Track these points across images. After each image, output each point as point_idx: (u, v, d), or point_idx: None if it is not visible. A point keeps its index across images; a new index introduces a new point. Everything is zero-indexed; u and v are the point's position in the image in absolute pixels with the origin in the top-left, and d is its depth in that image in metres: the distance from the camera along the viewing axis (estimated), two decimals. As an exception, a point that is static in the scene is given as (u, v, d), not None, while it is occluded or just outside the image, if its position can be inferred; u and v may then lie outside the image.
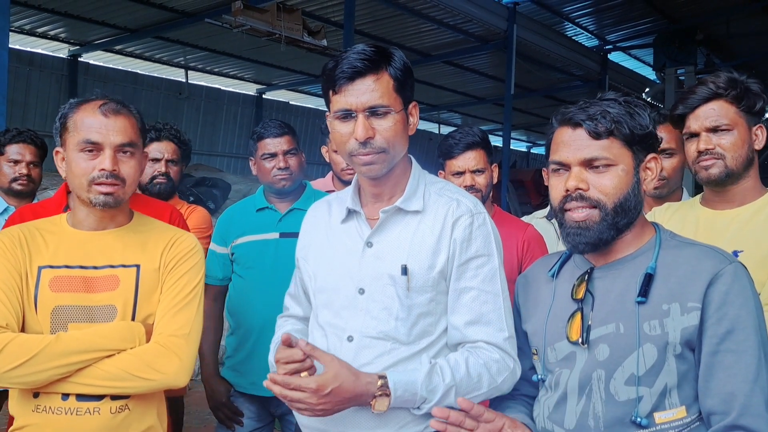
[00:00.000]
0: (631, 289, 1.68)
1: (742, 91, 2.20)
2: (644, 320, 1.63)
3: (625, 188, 1.70)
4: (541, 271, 1.97)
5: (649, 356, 1.62)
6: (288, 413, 3.08)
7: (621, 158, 1.70)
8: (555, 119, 1.81)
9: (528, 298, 1.97)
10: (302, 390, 1.72)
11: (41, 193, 4.39)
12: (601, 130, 1.68)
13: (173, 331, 1.98)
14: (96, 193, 1.97)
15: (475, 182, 2.98)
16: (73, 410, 1.91)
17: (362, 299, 1.90)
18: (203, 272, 2.14)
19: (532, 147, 31.63)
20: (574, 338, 1.73)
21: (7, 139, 3.88)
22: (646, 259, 1.71)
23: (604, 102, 1.73)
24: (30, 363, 1.82)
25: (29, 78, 15.31)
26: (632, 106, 1.72)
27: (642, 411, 1.61)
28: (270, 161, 3.07)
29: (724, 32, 16.54)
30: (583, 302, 1.75)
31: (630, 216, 1.72)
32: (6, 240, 2.01)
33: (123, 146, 2.00)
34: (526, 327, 1.94)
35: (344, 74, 1.81)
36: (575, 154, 1.71)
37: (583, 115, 1.71)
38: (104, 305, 1.98)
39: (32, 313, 1.96)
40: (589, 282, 1.77)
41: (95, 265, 2.02)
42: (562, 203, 1.74)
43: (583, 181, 1.70)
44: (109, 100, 2.03)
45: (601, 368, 1.68)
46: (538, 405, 1.85)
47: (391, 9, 13.23)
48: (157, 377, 1.92)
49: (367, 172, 1.88)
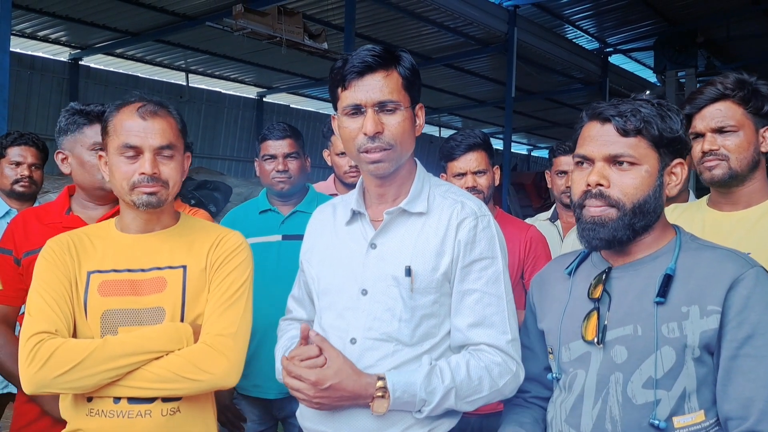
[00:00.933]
0: (649, 290, 1.67)
1: (750, 92, 2.19)
2: (663, 322, 1.62)
3: (646, 190, 1.68)
4: (558, 269, 1.96)
5: (667, 359, 1.60)
6: (291, 416, 3.07)
7: (646, 159, 1.68)
8: (585, 113, 1.80)
9: (543, 296, 1.96)
10: (301, 380, 1.78)
11: (42, 196, 4.39)
12: (630, 128, 1.67)
13: (220, 330, 1.97)
14: (138, 194, 1.97)
15: (477, 183, 2.97)
16: (125, 413, 1.91)
17: (365, 300, 1.90)
18: (251, 269, 2.11)
19: (533, 150, 31.63)
20: (589, 338, 1.72)
21: (9, 141, 3.91)
22: (665, 261, 1.70)
23: (637, 101, 1.71)
24: (78, 368, 1.82)
25: (30, 81, 15.31)
26: (665, 109, 1.71)
27: (660, 414, 1.59)
28: (270, 163, 3.08)
29: (724, 35, 16.54)
30: (600, 302, 1.73)
31: (648, 219, 1.70)
32: (55, 247, 2.02)
33: (162, 148, 1.99)
34: (542, 325, 1.92)
35: (355, 68, 1.83)
36: (601, 149, 1.70)
37: (614, 111, 1.69)
38: (152, 308, 1.98)
39: (82, 318, 1.96)
40: (607, 282, 1.75)
41: (142, 267, 2.02)
42: (582, 199, 1.73)
43: (605, 177, 1.68)
44: (147, 102, 2.02)
45: (618, 371, 1.66)
46: (553, 406, 1.84)
47: (391, 12, 13.24)
48: (205, 378, 1.91)
49: (374, 171, 1.87)
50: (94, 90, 16.28)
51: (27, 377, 1.83)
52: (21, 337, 1.88)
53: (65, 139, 2.52)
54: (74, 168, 2.50)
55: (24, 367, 1.83)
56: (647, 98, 1.73)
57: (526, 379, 1.93)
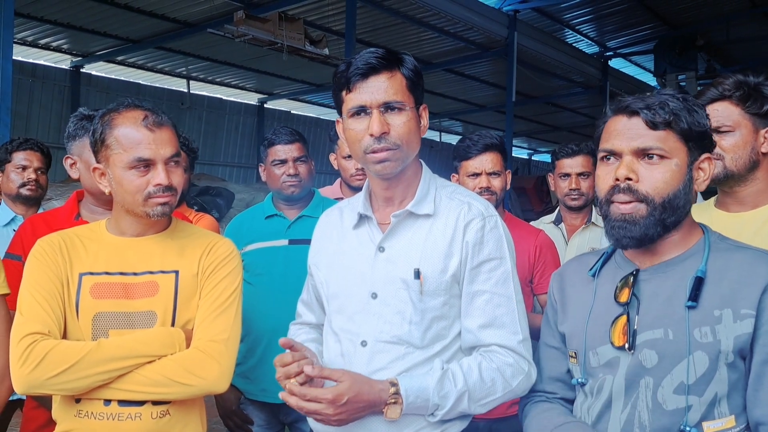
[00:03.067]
0: (679, 293, 1.62)
1: (748, 92, 2.16)
2: (695, 326, 1.57)
3: (676, 184, 1.63)
4: (580, 269, 1.91)
5: (699, 364, 1.56)
6: (298, 421, 3.08)
7: (676, 152, 1.63)
8: (609, 108, 1.75)
9: (565, 297, 1.91)
10: (318, 401, 1.73)
11: (45, 203, 4.40)
12: (659, 121, 1.62)
13: (212, 336, 1.98)
14: (153, 205, 1.98)
15: (491, 184, 2.97)
16: (115, 416, 1.92)
17: (375, 304, 1.90)
18: (241, 277, 2.14)
19: (534, 154, 31.63)
20: (618, 343, 1.67)
21: (14, 146, 3.96)
22: (695, 262, 1.65)
23: (662, 95, 1.67)
24: (72, 370, 1.83)
25: (32, 89, 15.32)
26: (691, 103, 1.66)
27: (691, 420, 1.56)
28: (280, 168, 3.08)
29: (724, 38, 16.58)
30: (629, 306, 1.69)
31: (678, 214, 1.66)
32: (46, 247, 2.02)
33: (172, 157, 2.00)
34: (563, 328, 1.88)
35: (359, 70, 1.83)
36: (629, 142, 1.65)
37: (642, 104, 1.65)
38: (144, 311, 1.99)
39: (74, 319, 1.97)
40: (634, 284, 1.70)
41: (135, 271, 2.02)
42: (609, 194, 1.68)
43: (633, 171, 1.64)
44: (146, 110, 2.01)
45: (648, 375, 1.62)
46: (578, 411, 1.81)
47: (392, 18, 13.25)
48: (197, 383, 1.92)
49: (381, 171, 1.87)
50: (96, 97, 16.28)
51: (19, 377, 1.84)
52: (13, 337, 1.88)
53: (73, 144, 2.53)
54: (82, 173, 2.52)
55: (16, 367, 1.84)
56: (672, 93, 1.69)
57: (551, 380, 1.91)
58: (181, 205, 3.53)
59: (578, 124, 23.68)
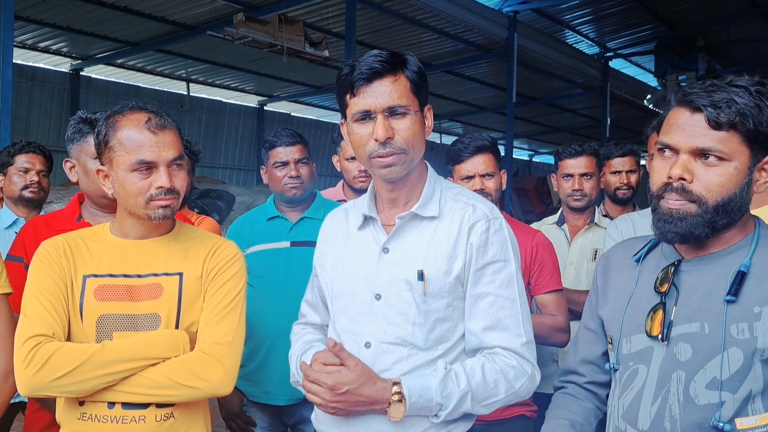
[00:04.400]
0: (720, 286, 1.56)
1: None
2: (732, 322, 1.52)
3: (732, 188, 1.54)
4: (626, 254, 1.85)
5: (734, 361, 1.51)
6: (301, 423, 3.07)
7: (737, 155, 1.53)
8: (674, 98, 1.63)
9: (608, 281, 1.86)
10: (319, 384, 1.79)
11: (46, 207, 4.40)
12: (723, 121, 1.51)
13: (217, 338, 1.98)
14: (155, 208, 1.97)
15: (485, 186, 2.95)
16: (119, 418, 1.91)
17: (379, 305, 1.89)
18: (245, 279, 2.13)
19: (534, 155, 31.66)
20: (654, 333, 1.62)
21: (16, 149, 4.01)
22: (740, 256, 1.58)
23: (732, 88, 1.53)
24: (76, 372, 1.83)
25: (31, 93, 15.36)
26: (764, 99, 1.52)
27: (724, 416, 1.51)
28: (281, 170, 3.07)
29: (724, 38, 16.61)
30: (667, 296, 1.63)
31: (732, 217, 1.57)
32: (50, 249, 2.01)
33: (174, 160, 1.99)
34: (602, 313, 1.84)
35: (363, 75, 1.82)
36: (688, 140, 1.55)
37: (707, 100, 1.52)
38: (148, 314, 1.98)
39: (78, 322, 1.97)
40: (675, 275, 1.64)
41: (139, 273, 2.02)
42: (661, 191, 1.60)
43: (689, 171, 1.55)
44: (149, 112, 2.00)
45: (681, 369, 1.58)
46: (612, 401, 1.78)
47: (391, 19, 13.28)
48: (201, 385, 1.91)
49: (387, 175, 1.87)
50: (95, 100, 16.33)
51: (23, 379, 1.83)
52: (17, 339, 1.87)
53: (72, 148, 2.52)
54: (80, 176, 2.52)
55: (20, 370, 1.83)
56: (745, 84, 1.54)
57: (584, 362, 1.90)
58: (183, 208, 3.53)
59: (579, 125, 23.72)
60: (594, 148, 3.73)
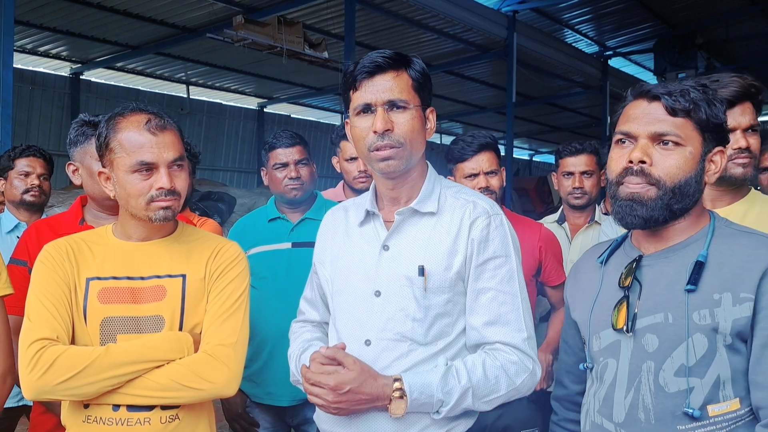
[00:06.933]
0: (680, 277, 1.64)
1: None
2: (693, 309, 1.59)
3: (688, 171, 1.65)
4: (592, 259, 1.94)
5: (699, 346, 1.58)
6: (304, 423, 3.08)
7: (691, 141, 1.65)
8: (631, 93, 1.77)
9: (576, 286, 1.95)
10: (320, 386, 1.80)
11: (47, 210, 4.40)
12: (679, 108, 1.64)
13: (221, 340, 1.98)
14: (155, 209, 1.97)
15: (490, 184, 2.97)
16: (124, 421, 1.91)
17: (378, 301, 1.91)
18: (248, 280, 2.13)
19: (535, 155, 31.65)
20: (619, 326, 1.70)
21: (17, 153, 4.01)
22: (697, 247, 1.67)
23: (685, 84, 1.69)
24: (81, 375, 1.83)
25: (32, 97, 15.37)
26: (711, 96, 1.69)
27: (694, 403, 1.58)
28: (281, 171, 3.08)
29: (723, 36, 16.59)
30: (630, 290, 1.71)
31: (686, 202, 1.67)
32: (54, 252, 2.02)
33: (175, 161, 1.99)
34: (575, 316, 1.92)
35: (365, 69, 1.86)
36: (646, 127, 1.67)
37: (663, 90, 1.67)
38: (152, 316, 1.99)
39: (82, 325, 1.97)
40: (637, 270, 1.73)
41: (142, 275, 2.02)
42: (621, 176, 1.69)
43: (648, 155, 1.65)
44: (150, 114, 2.00)
45: (650, 359, 1.64)
46: (588, 397, 1.84)
47: (391, 20, 13.29)
48: (206, 387, 1.92)
49: (384, 168, 1.88)
50: (96, 104, 16.34)
51: (28, 383, 1.83)
52: (21, 343, 1.87)
53: (75, 151, 2.53)
54: (84, 179, 2.52)
55: (25, 373, 1.83)
56: (693, 84, 1.71)
57: (566, 373, 1.95)
58: (185, 210, 3.53)
59: (579, 124, 23.70)
60: (594, 147, 3.75)
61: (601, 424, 1.74)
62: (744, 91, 2.21)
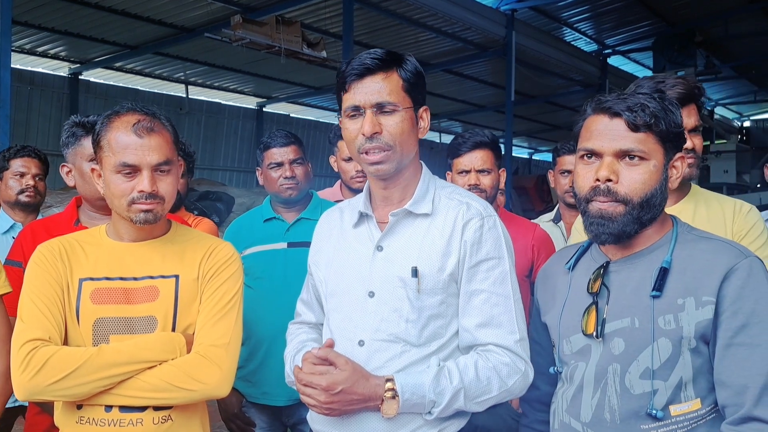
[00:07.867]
0: (646, 283, 1.70)
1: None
2: (659, 315, 1.65)
3: (653, 184, 1.70)
4: (559, 263, 1.98)
5: (663, 350, 1.64)
6: (300, 423, 3.07)
7: (654, 154, 1.70)
8: (589, 106, 1.79)
9: (546, 291, 1.98)
10: (312, 387, 1.81)
11: (45, 211, 4.40)
12: (640, 123, 1.67)
13: (213, 341, 1.98)
14: (136, 211, 1.96)
15: (480, 182, 2.97)
16: (117, 421, 1.91)
17: (372, 302, 1.91)
18: (242, 281, 2.13)
19: (534, 153, 31.64)
20: (589, 331, 1.74)
21: (12, 153, 4.01)
22: (662, 253, 1.72)
23: (640, 96, 1.72)
24: (73, 376, 1.83)
25: (30, 97, 15.36)
26: (666, 103, 1.73)
27: (657, 404, 1.63)
28: (276, 170, 3.08)
29: (722, 34, 16.62)
30: (599, 296, 1.76)
31: (654, 212, 1.72)
32: (46, 252, 2.02)
33: (159, 165, 1.98)
34: (545, 319, 1.95)
35: (354, 71, 1.86)
36: (611, 144, 1.70)
37: (623, 106, 1.70)
38: (145, 316, 1.98)
39: (74, 325, 1.97)
40: (605, 275, 1.78)
41: (135, 276, 2.02)
42: (590, 194, 1.73)
43: (614, 172, 1.69)
44: (141, 115, 2.00)
45: (616, 362, 1.70)
46: (557, 398, 1.87)
47: (389, 19, 13.28)
48: (198, 388, 1.92)
49: (375, 172, 1.89)
50: (94, 104, 16.33)
51: (20, 384, 1.83)
52: (14, 344, 1.87)
53: (67, 152, 2.53)
54: (77, 179, 2.52)
55: (17, 374, 1.83)
56: (649, 92, 1.75)
57: (538, 374, 1.95)
58: (180, 210, 3.53)
59: (578, 122, 23.66)
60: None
61: (569, 424, 1.79)
62: (689, 93, 2.27)
